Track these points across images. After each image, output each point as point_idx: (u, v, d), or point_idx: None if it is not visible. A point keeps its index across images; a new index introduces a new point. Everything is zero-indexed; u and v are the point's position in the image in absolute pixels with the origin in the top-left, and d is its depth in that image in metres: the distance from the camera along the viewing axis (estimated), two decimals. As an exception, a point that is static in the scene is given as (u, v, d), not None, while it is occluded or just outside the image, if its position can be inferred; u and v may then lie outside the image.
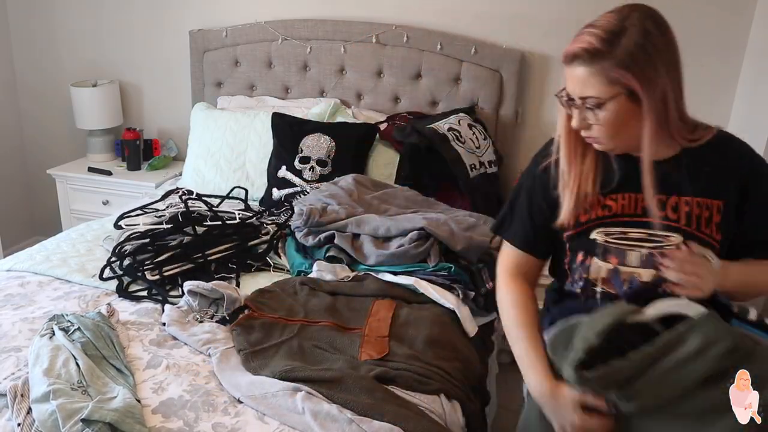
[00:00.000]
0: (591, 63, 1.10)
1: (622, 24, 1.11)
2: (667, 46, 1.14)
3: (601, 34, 1.10)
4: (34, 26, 3.25)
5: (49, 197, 3.28)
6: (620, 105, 1.12)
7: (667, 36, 1.16)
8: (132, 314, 1.69)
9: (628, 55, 1.08)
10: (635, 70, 1.09)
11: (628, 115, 1.13)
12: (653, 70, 1.10)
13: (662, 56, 1.12)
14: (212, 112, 2.75)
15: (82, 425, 1.17)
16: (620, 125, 1.14)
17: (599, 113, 1.13)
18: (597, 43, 1.09)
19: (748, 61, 2.50)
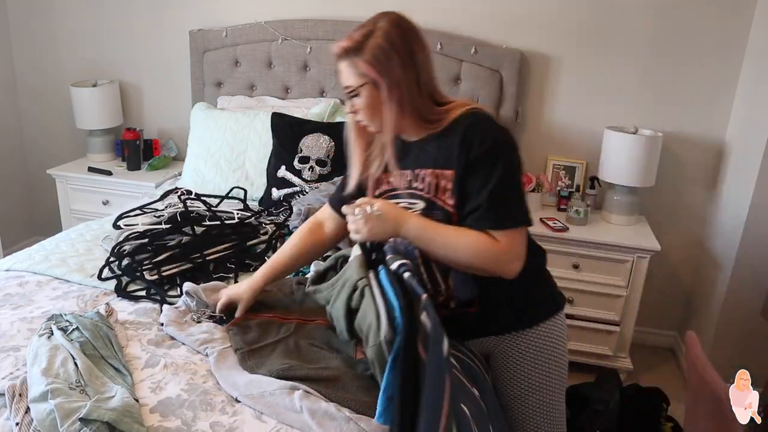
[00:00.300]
0: (346, 58, 1.37)
1: (373, 27, 1.36)
2: (406, 48, 1.36)
3: (356, 36, 1.36)
4: (34, 26, 3.26)
5: (49, 197, 3.28)
6: (369, 93, 1.36)
7: (408, 39, 1.37)
8: (130, 314, 1.69)
9: (371, 53, 1.34)
10: (375, 65, 1.34)
11: (376, 102, 1.37)
12: (390, 66, 1.34)
13: (400, 55, 1.35)
14: (212, 112, 2.76)
15: (81, 424, 1.17)
16: (373, 110, 1.38)
17: (357, 100, 1.39)
18: (351, 43, 1.36)
19: (748, 61, 2.50)
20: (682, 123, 2.66)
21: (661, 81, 2.63)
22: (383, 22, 1.37)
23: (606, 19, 2.62)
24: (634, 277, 2.53)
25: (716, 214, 2.68)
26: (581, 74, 2.70)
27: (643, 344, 2.95)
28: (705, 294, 2.72)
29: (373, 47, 1.34)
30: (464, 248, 1.34)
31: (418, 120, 1.41)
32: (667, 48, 2.59)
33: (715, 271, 2.64)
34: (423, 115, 1.40)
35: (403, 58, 1.35)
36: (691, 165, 2.71)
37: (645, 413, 2.31)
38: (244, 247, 2.00)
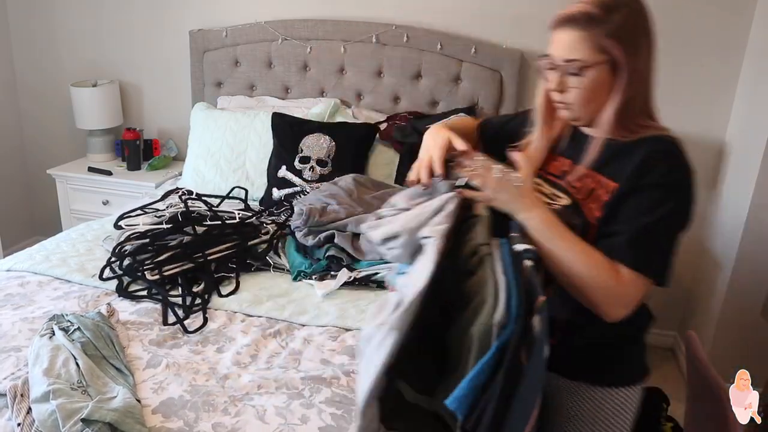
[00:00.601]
0: (584, 27, 1.13)
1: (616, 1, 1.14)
2: (651, 33, 1.18)
3: (597, 3, 1.13)
4: (34, 26, 3.26)
5: (49, 197, 3.28)
6: (600, 73, 1.15)
7: (651, 25, 1.18)
8: (132, 314, 1.69)
9: (620, 28, 1.12)
10: (624, 43, 1.13)
11: (603, 86, 1.17)
12: (638, 48, 1.15)
13: (648, 39, 1.17)
14: (212, 112, 2.76)
15: (82, 425, 1.17)
16: (595, 93, 1.17)
17: (580, 78, 1.16)
18: (594, 9, 1.12)
19: (748, 61, 2.51)
20: (682, 123, 2.64)
21: (661, 81, 2.62)
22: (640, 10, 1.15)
23: (606, 19, 2.62)
24: (634, 277, 2.53)
25: (716, 214, 2.69)
26: (581, 74, 2.70)
27: (642, 344, 2.95)
28: (705, 294, 2.72)
29: (622, 22, 1.12)
30: (584, 263, 1.15)
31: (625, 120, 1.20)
32: (667, 48, 2.57)
33: (715, 271, 2.64)
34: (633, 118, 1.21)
35: (649, 45, 1.17)
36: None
37: (645, 413, 2.31)
38: (246, 247, 2.00)
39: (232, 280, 1.89)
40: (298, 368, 1.50)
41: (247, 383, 1.42)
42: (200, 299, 1.77)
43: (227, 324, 1.69)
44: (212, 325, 1.68)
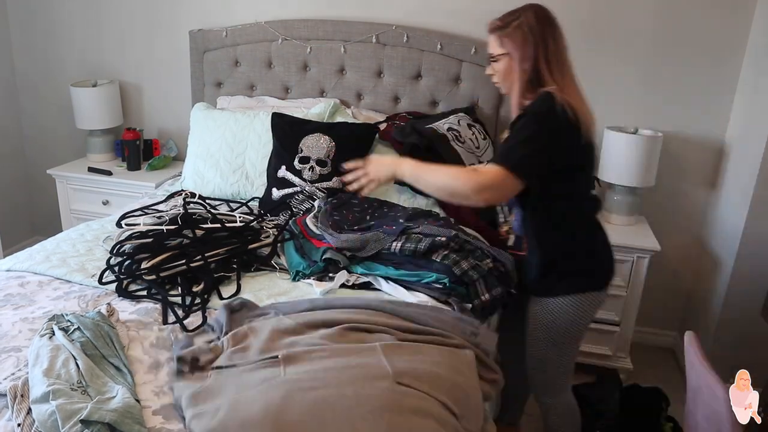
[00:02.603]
0: (493, 32, 1.71)
1: (518, 14, 1.68)
2: (542, 33, 1.65)
3: (505, 17, 1.70)
4: (34, 26, 3.26)
5: (49, 197, 3.28)
6: (505, 63, 1.70)
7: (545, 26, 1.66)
8: (132, 314, 1.69)
9: (512, 31, 1.66)
10: (514, 41, 1.66)
11: (509, 70, 1.70)
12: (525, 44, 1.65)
13: (535, 39, 1.64)
14: (212, 112, 2.75)
15: (82, 426, 1.17)
16: (505, 75, 1.72)
17: (496, 65, 1.73)
18: (499, 22, 1.71)
19: (748, 61, 2.51)
20: (682, 123, 2.66)
21: (661, 81, 2.64)
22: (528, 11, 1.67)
23: (606, 19, 2.62)
24: (634, 277, 2.53)
25: (716, 214, 2.69)
26: (581, 74, 2.66)
27: (643, 344, 2.95)
28: (705, 294, 2.72)
29: (514, 28, 1.66)
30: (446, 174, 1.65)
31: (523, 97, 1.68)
32: (667, 48, 2.59)
33: (715, 271, 2.64)
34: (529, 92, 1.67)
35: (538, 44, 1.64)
36: (691, 165, 2.71)
37: (645, 413, 2.31)
38: (246, 250, 2.00)
39: (232, 280, 1.89)
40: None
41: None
42: (200, 299, 1.77)
43: (227, 324, 1.69)
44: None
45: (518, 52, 1.65)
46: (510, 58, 1.67)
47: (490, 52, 1.71)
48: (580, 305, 1.73)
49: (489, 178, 1.57)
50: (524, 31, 1.64)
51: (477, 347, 1.55)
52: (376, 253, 1.89)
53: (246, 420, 1.18)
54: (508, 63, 1.68)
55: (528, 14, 1.65)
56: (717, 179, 2.69)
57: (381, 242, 1.89)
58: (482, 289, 1.78)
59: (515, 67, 1.66)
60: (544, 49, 1.63)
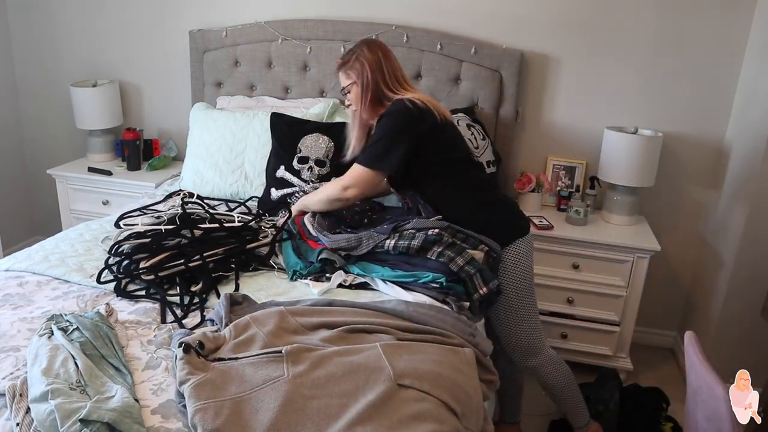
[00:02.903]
0: (340, 69, 2.06)
1: (354, 50, 2.03)
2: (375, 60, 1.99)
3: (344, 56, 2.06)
4: (34, 26, 3.26)
5: (49, 197, 3.28)
6: (353, 90, 2.03)
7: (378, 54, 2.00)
8: (131, 314, 1.69)
9: (352, 64, 2.01)
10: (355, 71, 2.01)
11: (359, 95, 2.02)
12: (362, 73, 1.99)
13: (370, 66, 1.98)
14: (211, 112, 2.75)
15: (81, 425, 1.17)
16: (357, 99, 2.03)
17: (349, 95, 2.05)
18: (341, 60, 2.06)
19: (748, 61, 2.50)
20: (682, 123, 2.66)
21: (661, 81, 2.64)
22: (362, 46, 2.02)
23: (606, 19, 2.62)
24: (633, 277, 2.53)
25: (716, 214, 2.68)
26: (581, 74, 2.70)
27: (643, 344, 2.95)
28: (705, 294, 2.72)
29: (352, 60, 2.01)
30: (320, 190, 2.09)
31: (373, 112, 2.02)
32: (667, 48, 2.59)
33: (715, 271, 2.64)
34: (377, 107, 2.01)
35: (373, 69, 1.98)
36: (691, 165, 2.71)
37: (645, 413, 2.31)
38: (244, 250, 2.00)
39: (230, 280, 1.88)
40: (297, 368, 1.50)
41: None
42: (198, 299, 1.77)
43: (226, 324, 1.68)
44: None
45: (359, 78, 1.99)
46: (357, 86, 2.00)
47: (342, 86, 2.05)
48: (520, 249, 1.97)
49: (348, 177, 1.97)
50: (361, 62, 1.98)
51: (476, 347, 1.55)
52: (371, 253, 1.89)
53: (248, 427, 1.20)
54: (356, 90, 2.01)
55: (362, 48, 2.00)
56: (717, 179, 2.69)
57: (374, 239, 1.89)
58: (479, 282, 1.79)
59: (361, 91, 1.99)
60: (380, 72, 1.98)
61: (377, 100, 1.99)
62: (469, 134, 2.46)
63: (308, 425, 1.21)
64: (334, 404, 1.25)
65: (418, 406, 1.27)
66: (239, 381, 1.31)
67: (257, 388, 1.29)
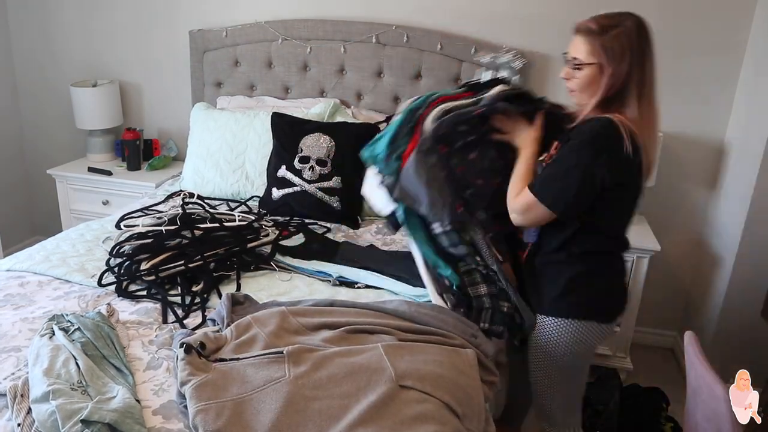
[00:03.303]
0: (586, 37, 1.52)
1: (618, 21, 1.50)
2: (641, 50, 1.49)
3: (602, 21, 1.51)
4: (34, 26, 3.26)
5: (49, 197, 3.28)
6: (591, 71, 1.52)
7: (645, 43, 1.51)
8: (132, 314, 1.69)
9: (609, 42, 1.48)
10: (609, 54, 1.48)
11: (593, 82, 1.53)
12: (621, 60, 1.48)
13: (634, 55, 1.48)
14: (212, 112, 2.75)
15: (82, 426, 1.17)
16: (587, 86, 1.55)
17: (579, 72, 1.55)
18: (595, 26, 1.51)
19: (748, 61, 2.50)
20: (682, 123, 2.66)
21: (661, 81, 2.62)
22: (629, 21, 1.49)
23: (606, 19, 2.62)
24: (633, 277, 2.53)
25: (716, 214, 2.69)
26: (581, 74, 2.70)
27: (643, 344, 2.95)
28: (705, 294, 2.72)
29: (612, 39, 1.48)
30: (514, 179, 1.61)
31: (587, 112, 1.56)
32: (667, 48, 2.58)
33: (715, 271, 2.64)
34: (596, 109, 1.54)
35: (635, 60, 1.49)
36: (691, 165, 2.71)
37: (645, 413, 2.31)
38: (245, 250, 2.00)
39: (231, 280, 1.89)
40: (298, 368, 1.50)
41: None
42: (199, 299, 1.77)
43: (227, 324, 1.69)
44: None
45: (612, 65, 1.47)
46: (599, 69, 1.50)
47: (575, 56, 1.53)
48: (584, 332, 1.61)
49: (520, 203, 1.56)
50: (623, 44, 1.46)
51: (477, 348, 1.55)
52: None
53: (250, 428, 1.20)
54: (595, 73, 1.51)
55: (629, 24, 1.47)
56: (717, 179, 2.69)
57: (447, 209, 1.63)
58: (486, 317, 1.68)
59: (603, 81, 1.49)
60: (640, 69, 1.48)
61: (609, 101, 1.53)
62: (469, 134, 2.46)
63: (309, 426, 1.21)
64: (335, 405, 1.26)
65: (420, 408, 1.27)
66: (240, 382, 1.31)
67: (258, 389, 1.29)
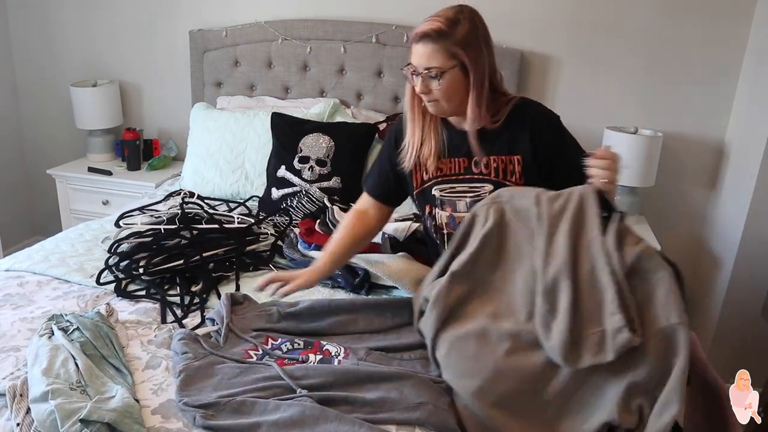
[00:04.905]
0: (437, 41, 1.46)
1: (458, 16, 1.48)
2: (486, 38, 1.52)
3: (444, 21, 1.47)
4: (33, 26, 3.26)
5: (49, 197, 3.28)
6: (455, 75, 1.48)
7: (486, 30, 1.53)
8: (131, 314, 1.69)
9: (463, 38, 1.46)
10: (468, 49, 1.47)
11: (459, 84, 1.50)
12: (479, 52, 1.48)
13: (485, 42, 1.50)
14: (212, 112, 2.75)
15: (81, 425, 1.17)
16: (454, 91, 1.50)
17: (440, 81, 1.48)
18: (443, 26, 1.46)
19: (749, 61, 2.50)
20: (682, 123, 2.66)
21: (661, 81, 2.63)
22: (467, 13, 1.50)
23: (606, 19, 2.61)
24: (634, 277, 2.53)
25: (716, 214, 2.68)
26: (581, 74, 2.70)
27: (643, 344, 2.95)
28: (705, 294, 2.72)
29: (465, 33, 1.46)
30: None
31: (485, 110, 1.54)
32: (667, 48, 2.59)
33: (715, 271, 2.64)
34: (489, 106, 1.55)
35: (487, 46, 1.51)
36: (691, 165, 2.71)
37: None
38: (243, 251, 2.00)
39: (231, 280, 1.89)
40: (298, 368, 1.50)
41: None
42: (198, 299, 1.77)
43: (226, 324, 1.68)
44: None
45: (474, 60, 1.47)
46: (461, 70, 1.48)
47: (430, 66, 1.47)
48: None
49: None
50: (475, 34, 1.48)
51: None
52: None
53: None
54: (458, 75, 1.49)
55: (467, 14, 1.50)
56: (717, 179, 2.69)
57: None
58: None
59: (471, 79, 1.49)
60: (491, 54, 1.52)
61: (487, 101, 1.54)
62: (469, 134, 2.46)
63: None
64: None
65: None
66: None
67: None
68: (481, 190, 1.62)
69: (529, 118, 1.58)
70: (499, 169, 1.60)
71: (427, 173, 1.68)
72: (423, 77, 1.50)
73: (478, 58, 1.48)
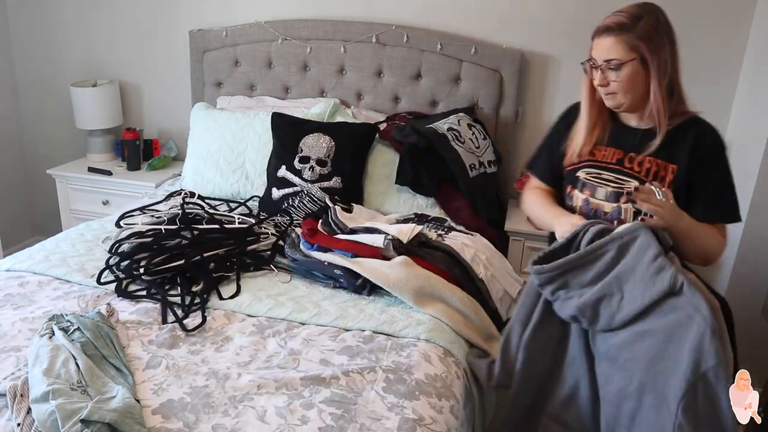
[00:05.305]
0: (618, 34, 1.50)
1: (641, 12, 1.52)
2: (670, 35, 1.53)
3: (627, 16, 1.51)
4: (33, 26, 3.26)
5: (49, 197, 3.28)
6: (634, 67, 1.50)
7: (671, 28, 1.55)
8: (131, 314, 1.69)
9: (645, 32, 1.49)
10: (648, 43, 1.49)
11: (638, 77, 1.52)
12: (660, 46, 1.50)
13: (668, 39, 1.52)
14: (212, 112, 2.75)
15: (82, 425, 1.17)
16: (632, 84, 1.52)
17: (619, 73, 1.51)
18: (625, 20, 1.50)
19: (749, 61, 2.50)
20: (682, 123, 2.66)
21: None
22: (651, 9, 1.53)
23: (606, 19, 2.61)
24: (634, 277, 2.53)
25: (716, 214, 2.68)
26: (581, 74, 2.69)
27: (643, 344, 2.95)
28: (705, 294, 2.72)
29: (646, 27, 1.49)
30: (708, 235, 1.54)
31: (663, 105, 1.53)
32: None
33: (715, 271, 2.64)
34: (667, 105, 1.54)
35: (670, 44, 1.52)
36: (691, 165, 2.71)
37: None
38: (244, 251, 2.00)
39: (231, 280, 1.89)
40: (298, 368, 1.50)
41: (247, 383, 1.42)
42: (199, 299, 1.77)
43: (226, 324, 1.69)
44: (211, 324, 1.68)
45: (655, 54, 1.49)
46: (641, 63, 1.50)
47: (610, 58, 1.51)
48: None
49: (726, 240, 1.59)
50: (658, 30, 1.50)
51: None
52: None
53: None
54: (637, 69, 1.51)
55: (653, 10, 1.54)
56: (717, 179, 2.69)
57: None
58: None
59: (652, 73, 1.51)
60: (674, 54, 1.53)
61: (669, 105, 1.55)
62: (469, 134, 2.47)
63: None
64: None
65: None
66: None
67: None
68: (626, 184, 1.60)
69: (698, 129, 1.57)
70: (651, 171, 1.58)
71: (580, 156, 1.68)
72: (602, 69, 1.54)
73: (660, 53, 1.49)
